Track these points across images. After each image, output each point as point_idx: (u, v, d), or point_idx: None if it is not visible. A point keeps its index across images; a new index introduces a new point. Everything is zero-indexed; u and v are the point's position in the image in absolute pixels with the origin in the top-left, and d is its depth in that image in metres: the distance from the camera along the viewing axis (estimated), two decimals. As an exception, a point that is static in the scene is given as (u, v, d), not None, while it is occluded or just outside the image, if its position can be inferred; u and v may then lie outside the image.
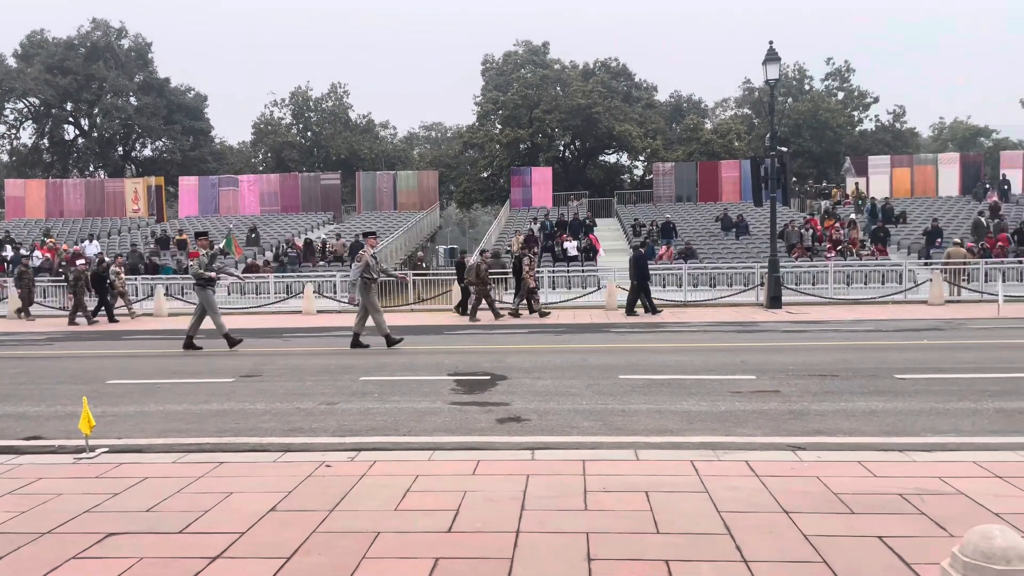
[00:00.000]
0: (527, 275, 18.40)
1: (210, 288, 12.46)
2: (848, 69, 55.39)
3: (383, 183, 39.37)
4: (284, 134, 54.48)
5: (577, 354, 10.97)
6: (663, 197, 37.34)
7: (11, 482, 4.94)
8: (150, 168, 52.08)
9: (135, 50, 54.35)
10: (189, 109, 55.26)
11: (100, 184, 40.92)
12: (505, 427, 6.37)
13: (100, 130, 53.59)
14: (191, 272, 12.67)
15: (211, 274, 12.52)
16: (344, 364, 10.41)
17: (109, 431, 6.34)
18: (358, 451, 5.58)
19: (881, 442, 5.59)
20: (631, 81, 52.90)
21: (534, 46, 53.95)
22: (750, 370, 9.03)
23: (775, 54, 18.96)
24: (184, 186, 39.43)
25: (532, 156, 47.28)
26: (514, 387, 8.20)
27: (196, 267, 12.43)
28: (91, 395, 6.81)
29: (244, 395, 8.11)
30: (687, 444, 5.62)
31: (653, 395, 7.57)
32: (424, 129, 73.38)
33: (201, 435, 6.30)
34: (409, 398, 7.69)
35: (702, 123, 50.90)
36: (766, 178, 19.37)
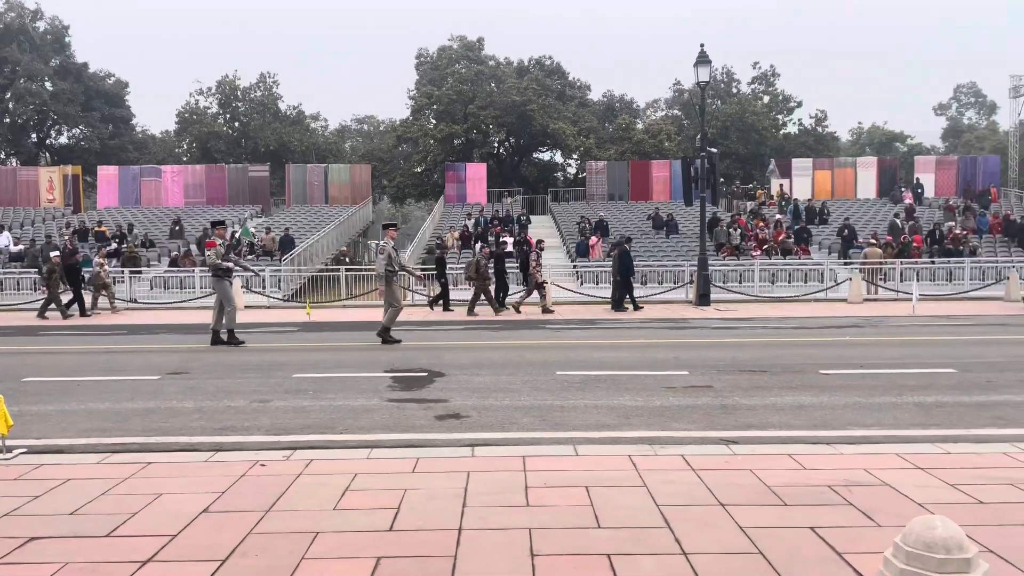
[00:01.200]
0: (534, 271, 18.63)
1: (227, 279, 11.90)
2: (773, 74, 57.05)
3: (314, 176, 38.65)
4: (210, 124, 52.87)
5: (515, 350, 11.00)
6: (596, 196, 37.77)
7: (-81, 487, 4.65)
8: (66, 156, 49.79)
9: (51, 33, 51.92)
10: (109, 96, 53.10)
11: (12, 172, 38.97)
12: (444, 424, 6.34)
13: (12, 116, 50.95)
14: (208, 263, 12.15)
15: (228, 264, 11.98)
16: (276, 361, 10.18)
17: (28, 431, 6.04)
18: (293, 450, 5.46)
19: (810, 435, 5.78)
20: (565, 80, 53.30)
21: (469, 42, 53.80)
22: (683, 366, 9.22)
23: (706, 57, 19.39)
24: (103, 176, 37.87)
25: (467, 152, 47.18)
26: (452, 384, 8.17)
27: (213, 257, 11.87)
28: (7, 393, 6.46)
29: (171, 393, 7.84)
30: (625, 439, 5.70)
31: (590, 391, 7.65)
32: (356, 122, 72.31)
33: (127, 435, 6.06)
34: (345, 395, 7.57)
35: (634, 123, 51.68)
36: (696, 178, 19.80)
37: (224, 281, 11.88)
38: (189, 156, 52.19)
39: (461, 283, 22.85)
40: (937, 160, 39.46)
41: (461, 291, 22.15)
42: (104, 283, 19.65)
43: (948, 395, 7.31)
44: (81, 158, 47.31)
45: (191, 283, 22.65)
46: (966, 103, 72.37)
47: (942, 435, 5.70)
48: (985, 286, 21.66)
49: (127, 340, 13.38)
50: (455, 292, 19.92)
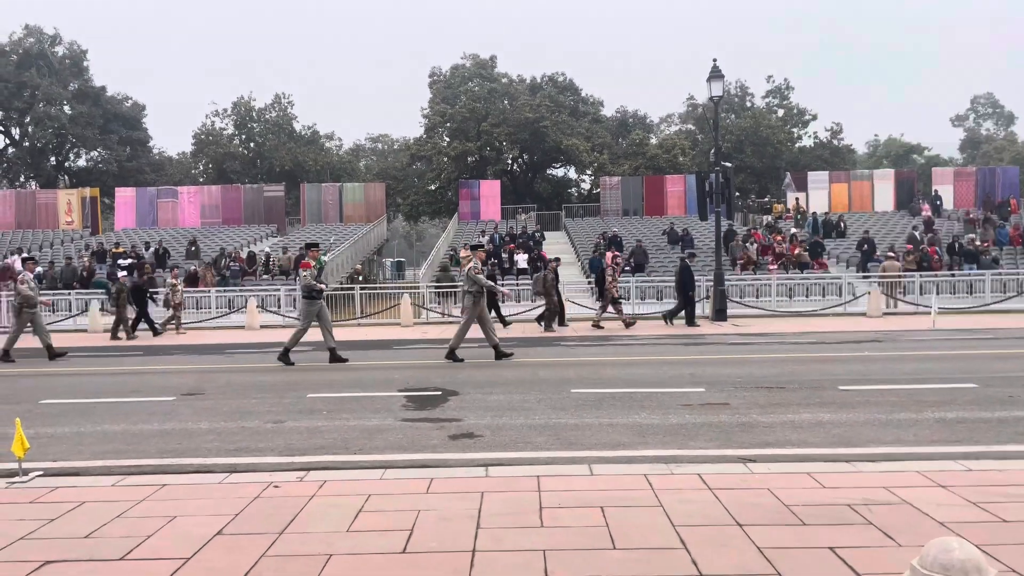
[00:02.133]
0: (610, 286, 18.12)
1: (320, 300, 11.85)
2: (788, 87, 57.02)
3: (329, 195, 38.91)
4: (226, 145, 53.45)
5: (528, 368, 10.96)
6: (610, 211, 37.76)
7: (-64, 510, 4.67)
8: (85, 179, 50.50)
9: (70, 58, 52.80)
10: (126, 118, 53.84)
11: (31, 195, 39.52)
12: (458, 443, 6.31)
13: (32, 139, 51.80)
14: (302, 284, 11.96)
15: (322, 286, 11.93)
16: (291, 380, 10.20)
17: (44, 453, 6.07)
18: (307, 471, 5.45)
19: (828, 453, 5.69)
20: (578, 96, 53.50)
21: (482, 60, 54.17)
22: (699, 383, 9.14)
23: (719, 71, 19.39)
24: (121, 197, 38.33)
25: (480, 169, 47.36)
26: (466, 402, 8.14)
27: (308, 278, 11.74)
28: (25, 416, 6.51)
29: (186, 414, 7.86)
30: (640, 458, 5.64)
31: (605, 409, 7.60)
32: (371, 141, 72.80)
33: (141, 456, 6.08)
34: (359, 415, 7.56)
35: (647, 138, 51.76)
36: (711, 193, 19.75)
37: (316, 302, 11.73)
38: (205, 177, 52.73)
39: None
40: (955, 172, 39.18)
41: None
42: (178, 303, 19.65)
43: (969, 411, 7.20)
44: (99, 180, 47.96)
45: (207, 303, 22.79)
46: (983, 114, 71.91)
47: (963, 452, 5.60)
48: (1007, 298, 21.38)
49: (143, 361, 13.46)
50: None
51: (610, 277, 18.23)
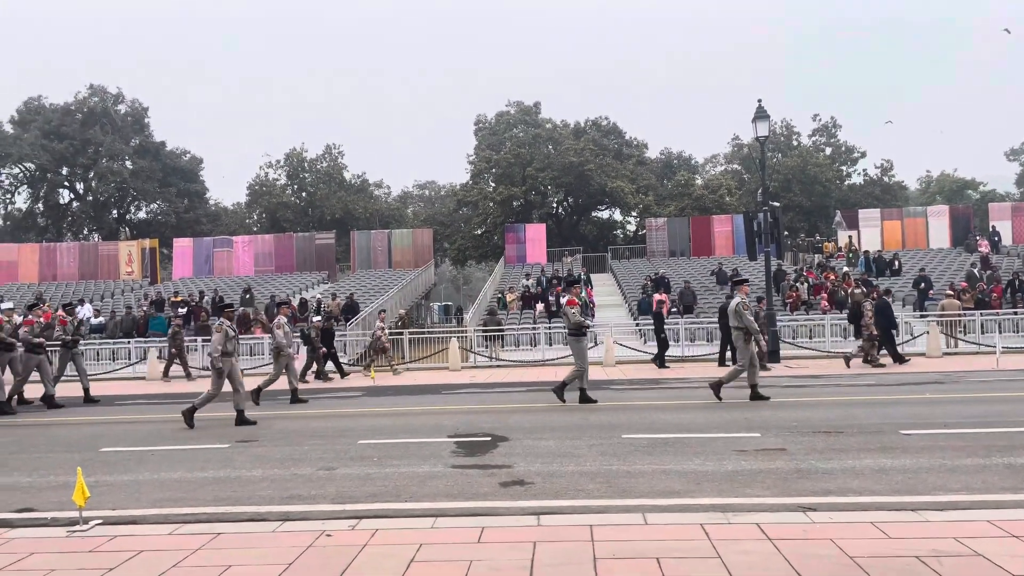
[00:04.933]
0: (869, 322, 17.06)
1: (585, 338, 11.96)
2: (835, 125, 56.50)
3: (377, 242, 39.55)
4: (279, 195, 54.91)
5: (578, 412, 10.85)
6: (656, 252, 37.57)
7: (3, 557, 4.79)
8: (145, 230, 52.29)
9: (131, 115, 55.12)
10: (184, 172, 55.77)
11: (94, 247, 40.99)
12: (509, 491, 6.25)
13: (95, 193, 53.96)
14: (572, 321, 11.80)
15: (587, 323, 12.06)
16: (342, 427, 10.27)
17: (103, 502, 6.19)
18: (359, 519, 5.45)
19: (892, 501, 5.49)
20: (622, 139, 53.77)
21: (526, 106, 54.95)
22: (754, 427, 8.93)
23: (764, 111, 19.32)
24: (178, 248, 39.52)
25: (526, 213, 47.71)
26: (516, 448, 8.08)
27: (575, 315, 11.79)
28: (85, 464, 6.67)
29: (240, 461, 7.96)
30: (696, 506, 5.51)
31: (658, 455, 7.46)
32: (418, 188, 74.13)
33: (197, 504, 6.15)
34: (409, 462, 7.55)
35: (693, 179, 51.60)
36: (759, 232, 19.54)
37: (583, 340, 11.78)
38: (259, 226, 54.13)
39: (524, 343, 22.84)
40: (1013, 207, 38.09)
41: (524, 351, 22.11)
42: (384, 347, 19.92)
43: (1042, 456, 6.88)
44: (158, 231, 49.62)
45: (260, 349, 23.17)
46: (1040, 146, 69.98)
47: (1038, 500, 5.34)
48: (1074, 337, 20.53)
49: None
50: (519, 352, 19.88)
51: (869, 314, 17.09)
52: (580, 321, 11.88)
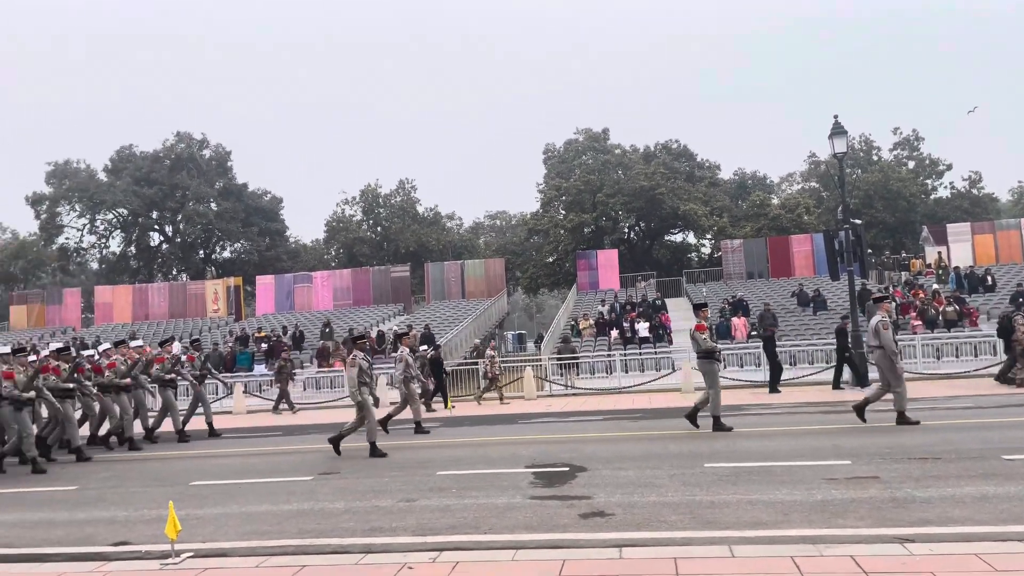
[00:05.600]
0: (1020, 338, 15.70)
1: (718, 363, 11.96)
2: (917, 138, 54.60)
3: (451, 273, 40.02)
4: (355, 230, 56.32)
5: (657, 441, 10.64)
6: (733, 274, 36.82)
7: (101, 590, 4.97)
8: (229, 269, 54.33)
9: (215, 158, 57.61)
10: (265, 211, 57.83)
11: (183, 287, 42.79)
12: (589, 522, 6.15)
13: (183, 235, 56.46)
14: (703, 346, 11.61)
15: (719, 347, 12.05)
16: (421, 458, 10.34)
17: (194, 535, 6.37)
18: (439, 551, 5.45)
19: (998, 532, 5.16)
20: (693, 161, 53.17)
21: (594, 133, 55.03)
22: (844, 454, 8.57)
23: (841, 127, 18.83)
24: (261, 285, 40.88)
25: (597, 239, 47.54)
26: (595, 479, 7.96)
27: (706, 340, 11.67)
28: (177, 497, 6.89)
29: (323, 493, 8.09)
30: (785, 538, 5.30)
31: (742, 484, 7.23)
32: (489, 218, 74.88)
33: (283, 536, 6.27)
34: (487, 493, 7.53)
35: (768, 198, 50.53)
36: (841, 251, 18.94)
37: (715, 365, 11.68)
38: (337, 262, 55.54)
39: (599, 371, 22.61)
40: (1116, 213, 35.86)
41: (600, 379, 21.85)
42: (495, 375, 20.12)
43: None
44: (241, 270, 51.48)
45: (340, 382, 23.62)
46: None
47: None
48: None
49: (280, 441, 14.04)
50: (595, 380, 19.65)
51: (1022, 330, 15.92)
52: (712, 346, 11.68)
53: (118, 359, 14.41)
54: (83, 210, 55.16)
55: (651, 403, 16.95)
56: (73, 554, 6.09)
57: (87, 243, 57.14)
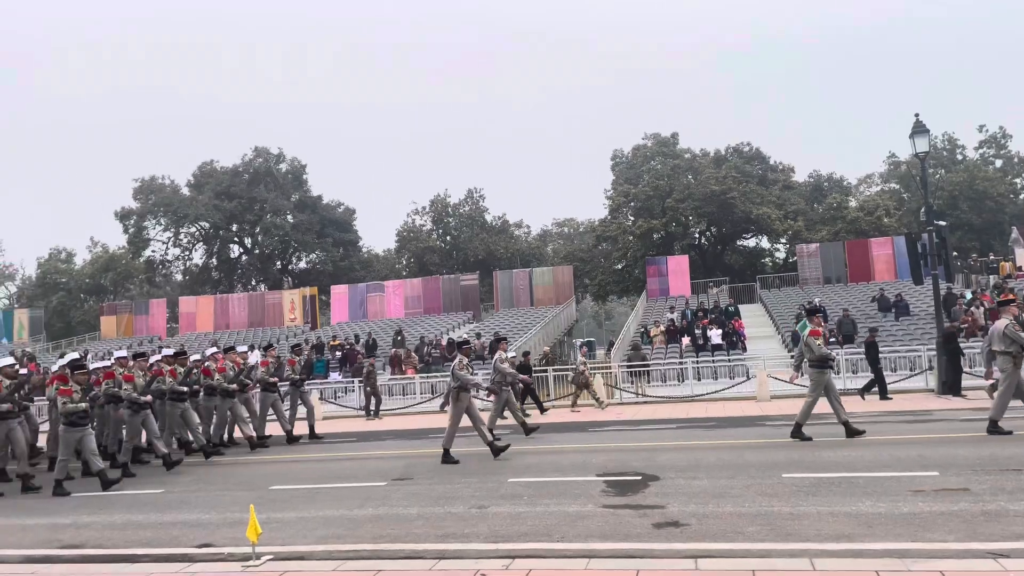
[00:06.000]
0: None
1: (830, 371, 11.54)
2: (1004, 135, 52.15)
3: (519, 281, 40.14)
4: (425, 240, 57.10)
5: (733, 450, 10.41)
6: (809, 279, 35.80)
7: (187, 589, 5.15)
8: (305, 279, 55.73)
9: (291, 172, 59.27)
10: (339, 223, 59.16)
11: (261, 297, 44.14)
12: (663, 532, 6.06)
13: (261, 247, 58.25)
14: (816, 353, 11.40)
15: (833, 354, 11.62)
16: (492, 465, 10.37)
17: (274, 538, 6.54)
18: (512, 558, 5.46)
19: (1105, 550, 4.86)
20: (766, 164, 52.00)
21: (663, 138, 54.41)
22: (930, 465, 8.21)
23: (923, 126, 18.13)
24: (335, 294, 41.81)
25: (667, 245, 46.94)
26: (668, 488, 7.84)
27: (820, 347, 11.44)
28: (257, 501, 7.09)
29: (397, 499, 8.19)
30: (869, 551, 5.11)
31: (823, 495, 7.01)
32: (557, 225, 74.84)
33: (358, 541, 6.38)
34: (559, 501, 7.50)
35: (846, 201, 48.99)
36: (924, 254, 18.21)
37: (827, 372, 11.33)
38: (408, 271, 56.38)
39: (670, 379, 22.29)
40: None
41: (671, 386, 21.56)
42: (587, 382, 19.84)
43: None
44: (317, 280, 52.76)
45: (412, 389, 23.96)
46: None
47: None
48: None
49: (356, 447, 14.29)
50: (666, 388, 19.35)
51: None
52: (825, 353, 11.33)
53: (227, 364, 14.72)
54: (168, 224, 57.50)
55: (725, 411, 16.60)
56: (160, 555, 6.34)
57: (172, 255, 59.59)
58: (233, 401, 14.51)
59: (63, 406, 10.42)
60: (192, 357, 14.69)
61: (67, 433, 10.42)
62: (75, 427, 10.38)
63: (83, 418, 10.52)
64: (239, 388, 14.57)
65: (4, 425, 10.76)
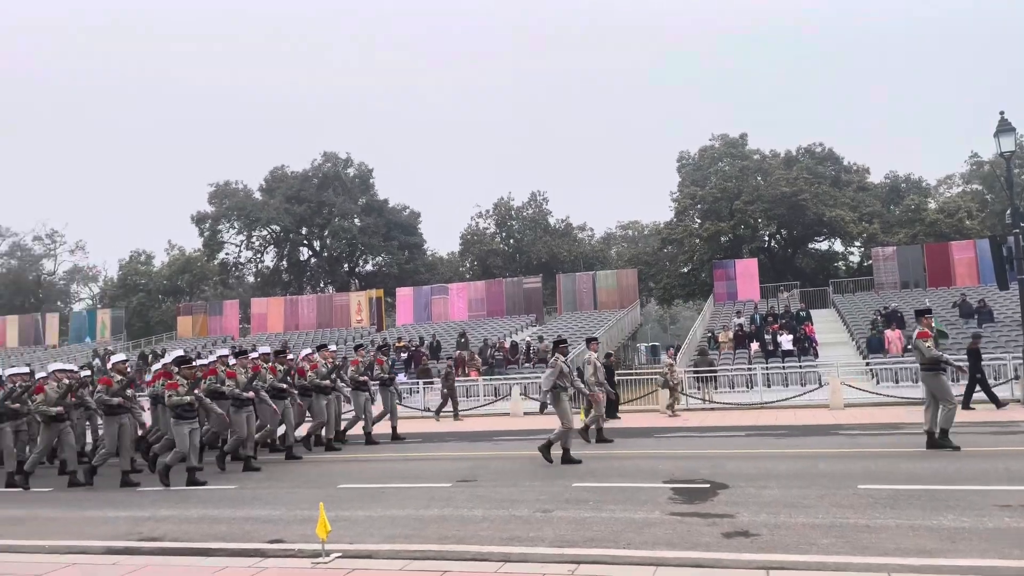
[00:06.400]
0: None
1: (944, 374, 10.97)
2: (1097, 130, 49.41)
3: (583, 284, 39.95)
4: (489, 243, 57.40)
5: (805, 460, 10.12)
6: (886, 284, 34.60)
7: (259, 584, 5.26)
8: (371, 281, 56.70)
9: (359, 176, 60.39)
10: (404, 226, 59.98)
11: (329, 298, 45.04)
12: (733, 542, 5.91)
13: (329, 250, 59.51)
14: (927, 355, 10.81)
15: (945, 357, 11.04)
16: (554, 470, 10.32)
17: (342, 535, 6.64)
18: (577, 564, 5.41)
19: None
20: (839, 165, 50.51)
21: (731, 139, 53.43)
22: (1017, 479, 7.82)
23: (1008, 124, 17.32)
24: (400, 296, 42.39)
25: (735, 248, 46.07)
26: (737, 497, 7.66)
27: (929, 349, 10.80)
28: (326, 499, 7.21)
29: (461, 500, 8.23)
30: (953, 568, 4.89)
31: (902, 508, 6.74)
32: (621, 228, 74.26)
33: (424, 541, 6.42)
34: (625, 507, 7.41)
35: (925, 202, 47.21)
36: (1011, 258, 17.41)
37: (941, 375, 10.79)
38: (471, 273, 56.78)
39: (739, 385, 21.82)
40: None
41: (740, 393, 21.13)
42: (675, 384, 19.55)
43: None
44: (383, 282, 53.62)
45: (475, 391, 24.07)
46: None
47: None
48: None
49: (421, 448, 14.43)
50: (734, 394, 18.96)
51: None
52: (936, 355, 10.81)
53: (320, 361, 14.82)
54: (241, 227, 59.26)
55: (796, 419, 16.17)
56: (234, 550, 6.50)
57: (244, 258, 61.42)
58: (329, 398, 14.50)
59: (169, 399, 10.75)
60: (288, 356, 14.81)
61: (177, 426, 10.71)
62: (183, 420, 10.71)
63: (188, 411, 10.79)
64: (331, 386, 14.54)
65: (115, 420, 11.14)
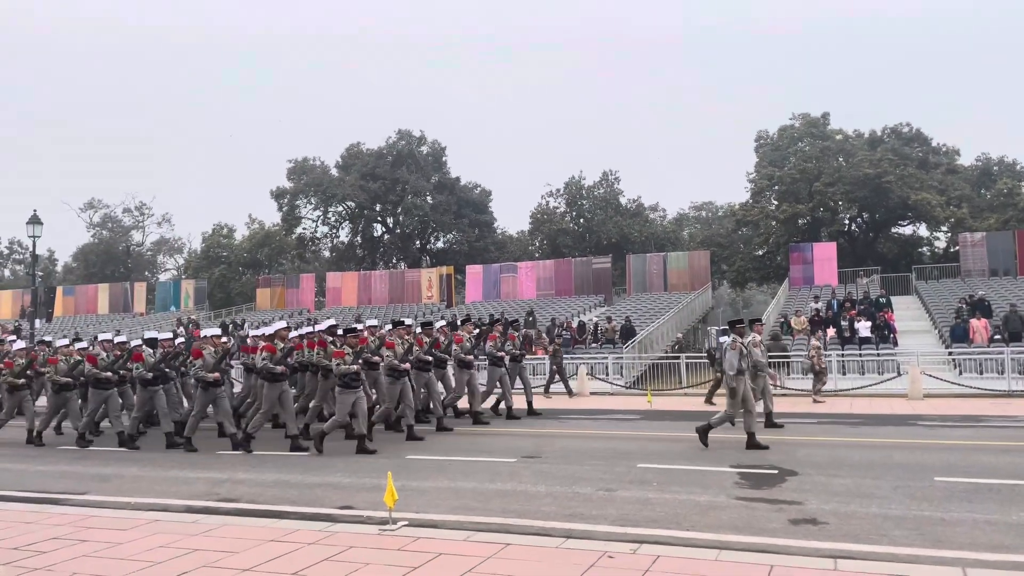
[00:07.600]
0: None
1: None
2: None
3: (653, 265, 39.47)
4: (559, 222, 57.20)
5: (879, 450, 9.83)
6: (973, 271, 33.08)
7: (327, 548, 5.47)
8: (442, 258, 57.31)
9: (432, 154, 60.96)
10: (475, 204, 60.32)
11: (401, 274, 45.80)
12: (800, 529, 5.82)
13: (402, 226, 60.40)
14: None
15: None
16: (620, 449, 10.32)
17: (408, 505, 6.81)
18: (639, 543, 5.42)
19: None
20: (927, 146, 48.33)
21: (812, 118, 51.68)
22: (1109, 478, 7.44)
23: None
24: (470, 274, 42.76)
25: (813, 231, 44.74)
26: (806, 484, 7.52)
27: None
28: (394, 469, 7.39)
29: (525, 476, 8.32)
30: (1032, 567, 4.70)
31: (980, 502, 6.51)
32: (694, 209, 72.91)
33: (488, 514, 6.53)
34: (689, 489, 7.36)
35: (1018, 186, 44.81)
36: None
37: None
38: (540, 252, 56.74)
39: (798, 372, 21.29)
40: None
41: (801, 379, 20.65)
42: (822, 368, 18.28)
43: None
44: (453, 259, 54.13)
45: (542, 369, 24.14)
46: None
47: None
48: None
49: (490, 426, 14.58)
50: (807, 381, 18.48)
51: None
52: None
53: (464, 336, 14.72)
54: (317, 203, 60.64)
55: (871, 408, 15.70)
56: (305, 513, 6.75)
57: (320, 233, 62.83)
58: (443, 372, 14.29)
59: (337, 368, 10.70)
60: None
61: (342, 395, 10.71)
62: (349, 388, 10.65)
63: (355, 379, 10.73)
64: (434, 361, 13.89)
65: (210, 393, 11.29)
